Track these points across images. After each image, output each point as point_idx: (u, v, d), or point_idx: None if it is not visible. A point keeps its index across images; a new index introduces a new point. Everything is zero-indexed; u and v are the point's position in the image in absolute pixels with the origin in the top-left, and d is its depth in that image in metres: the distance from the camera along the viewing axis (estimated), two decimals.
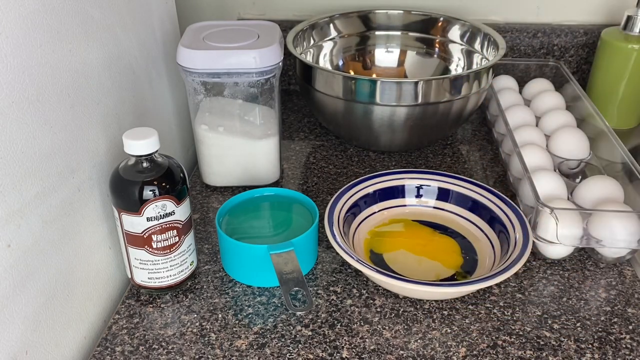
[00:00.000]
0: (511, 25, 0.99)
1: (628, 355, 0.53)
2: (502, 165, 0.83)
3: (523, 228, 0.61)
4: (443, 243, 0.66)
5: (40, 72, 0.47)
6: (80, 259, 0.56)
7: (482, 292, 0.60)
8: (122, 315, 0.58)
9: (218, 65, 0.67)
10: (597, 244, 0.63)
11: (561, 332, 0.56)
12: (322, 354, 0.53)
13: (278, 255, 0.58)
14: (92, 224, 0.58)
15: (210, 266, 0.64)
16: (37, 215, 0.48)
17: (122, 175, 0.55)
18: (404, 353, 0.54)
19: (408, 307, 0.59)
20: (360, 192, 0.69)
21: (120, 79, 0.63)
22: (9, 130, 0.44)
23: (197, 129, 0.74)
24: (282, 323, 0.57)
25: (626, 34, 0.87)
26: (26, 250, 0.47)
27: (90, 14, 0.55)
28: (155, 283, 0.59)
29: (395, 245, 0.65)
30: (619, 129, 0.91)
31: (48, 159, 0.49)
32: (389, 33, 0.98)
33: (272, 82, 0.71)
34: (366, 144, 0.86)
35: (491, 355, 0.53)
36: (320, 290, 0.61)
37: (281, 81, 0.75)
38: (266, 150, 0.75)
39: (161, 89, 0.75)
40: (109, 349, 0.54)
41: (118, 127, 0.62)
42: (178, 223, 0.57)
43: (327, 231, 0.60)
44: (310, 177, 0.81)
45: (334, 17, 0.96)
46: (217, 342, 0.55)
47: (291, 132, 0.92)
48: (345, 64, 0.98)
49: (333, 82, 0.78)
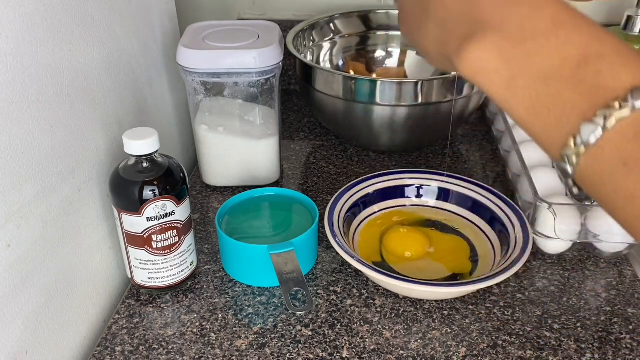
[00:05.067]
0: None
1: (628, 355, 0.53)
2: (501, 163, 0.83)
3: (523, 228, 0.61)
4: (450, 242, 0.66)
5: (40, 72, 0.47)
6: (80, 259, 0.56)
7: (482, 292, 0.60)
8: (122, 315, 0.58)
9: (218, 65, 0.67)
10: (595, 239, 0.63)
11: (561, 332, 0.56)
12: (322, 354, 0.53)
13: (278, 255, 0.58)
14: (92, 224, 0.58)
15: (210, 266, 0.64)
16: (37, 215, 0.48)
17: (122, 175, 0.55)
18: (404, 353, 0.54)
19: (408, 307, 0.59)
20: (360, 192, 0.69)
21: (120, 79, 0.63)
22: (9, 130, 0.44)
23: (197, 129, 0.74)
24: (282, 323, 0.57)
25: (626, 34, 0.87)
26: (26, 250, 0.47)
27: (90, 14, 0.55)
28: (155, 283, 0.59)
29: (396, 245, 0.65)
30: None
31: (48, 159, 0.49)
32: (389, 33, 0.98)
33: (272, 82, 0.71)
34: (366, 144, 0.86)
35: (491, 355, 0.53)
36: (320, 290, 0.61)
37: (281, 81, 0.75)
38: (266, 150, 0.75)
39: (161, 89, 0.75)
40: (109, 349, 0.54)
41: (118, 127, 0.62)
42: (178, 223, 0.57)
43: (327, 231, 0.60)
44: (310, 177, 0.81)
45: (334, 17, 0.96)
46: (217, 342, 0.55)
47: (291, 132, 0.92)
48: (345, 64, 0.98)
49: (333, 82, 0.78)
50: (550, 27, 0.30)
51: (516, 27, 0.31)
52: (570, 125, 0.29)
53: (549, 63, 0.30)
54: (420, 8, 0.37)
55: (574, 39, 0.30)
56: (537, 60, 0.30)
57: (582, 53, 0.29)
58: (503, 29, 0.31)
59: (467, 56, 0.32)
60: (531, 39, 0.30)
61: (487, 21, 0.32)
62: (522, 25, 0.31)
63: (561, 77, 0.29)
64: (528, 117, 0.31)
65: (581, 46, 0.29)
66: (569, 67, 0.29)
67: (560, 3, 0.31)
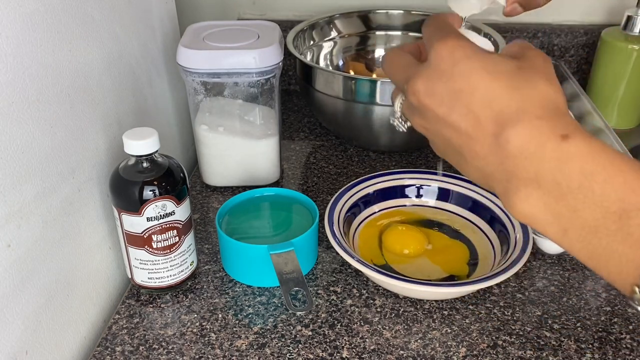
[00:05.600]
0: (511, 25, 0.99)
1: (628, 355, 0.53)
2: None
3: (523, 228, 0.61)
4: (449, 243, 0.66)
5: (40, 72, 0.47)
6: (80, 259, 0.56)
7: (482, 292, 0.60)
8: (122, 315, 0.58)
9: (218, 65, 0.67)
10: None
11: (561, 332, 0.56)
12: (322, 354, 0.53)
13: (278, 255, 0.58)
14: (92, 224, 0.58)
15: (210, 266, 0.64)
16: (37, 215, 0.48)
17: (122, 175, 0.55)
18: (404, 353, 0.54)
19: (408, 307, 0.59)
20: (360, 192, 0.69)
21: (120, 79, 0.63)
22: (9, 130, 0.44)
23: (197, 129, 0.74)
24: (282, 323, 0.57)
25: (626, 34, 0.87)
26: (26, 250, 0.47)
27: (90, 14, 0.55)
28: (155, 283, 0.59)
29: (394, 243, 0.65)
30: (619, 129, 0.91)
31: (48, 159, 0.49)
32: (389, 33, 0.98)
33: (272, 82, 0.71)
34: (366, 144, 0.86)
35: (491, 356, 0.53)
36: (320, 290, 0.61)
37: (281, 81, 0.75)
38: (266, 150, 0.75)
39: (161, 89, 0.75)
40: (109, 349, 0.54)
41: (118, 127, 0.62)
42: (178, 223, 0.57)
43: (327, 231, 0.60)
44: (310, 177, 0.81)
45: (334, 17, 0.96)
46: (217, 342, 0.55)
47: (291, 132, 0.92)
48: (345, 64, 0.98)
49: (333, 82, 0.78)
50: (583, 180, 0.31)
51: (552, 183, 0.32)
52: (631, 275, 0.31)
53: (593, 217, 0.31)
54: (453, 151, 0.38)
55: (609, 193, 0.31)
56: (582, 214, 0.32)
57: (620, 207, 0.30)
58: (541, 185, 0.32)
59: (517, 209, 0.34)
60: (569, 194, 0.32)
61: (523, 176, 0.33)
62: (556, 180, 0.32)
63: (608, 230, 0.31)
64: (591, 264, 0.33)
65: (618, 199, 0.30)
66: (612, 220, 0.31)
67: (584, 150, 0.32)
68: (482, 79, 0.34)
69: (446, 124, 0.37)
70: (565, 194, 0.32)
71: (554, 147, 0.32)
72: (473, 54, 0.35)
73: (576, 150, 0.31)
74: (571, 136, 0.31)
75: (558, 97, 0.34)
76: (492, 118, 0.34)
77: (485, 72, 0.34)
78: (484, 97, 0.34)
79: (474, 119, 0.35)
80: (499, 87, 0.34)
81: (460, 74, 0.35)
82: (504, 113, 0.33)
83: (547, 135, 0.32)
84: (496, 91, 0.34)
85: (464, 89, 0.35)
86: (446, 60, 0.36)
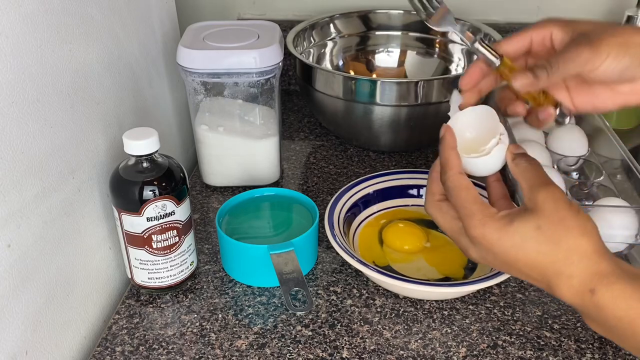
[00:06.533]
0: (512, 25, 0.99)
1: (628, 356, 0.53)
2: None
3: None
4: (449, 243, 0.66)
5: (40, 72, 0.47)
6: (80, 259, 0.56)
7: (482, 292, 0.60)
8: (122, 315, 0.58)
9: (218, 65, 0.67)
10: None
11: (561, 332, 0.56)
12: (322, 354, 0.53)
13: (278, 255, 0.58)
14: (92, 224, 0.58)
15: (210, 266, 0.64)
16: (37, 215, 0.48)
17: (122, 175, 0.55)
18: (404, 353, 0.54)
19: (408, 307, 0.59)
20: (360, 192, 0.69)
21: (120, 79, 0.63)
22: (9, 130, 0.44)
23: (197, 129, 0.74)
24: (282, 323, 0.57)
25: None
26: (26, 250, 0.47)
27: (90, 14, 0.55)
28: (155, 283, 0.59)
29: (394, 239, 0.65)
30: (618, 129, 0.90)
31: (48, 159, 0.49)
32: (389, 33, 0.98)
33: (272, 82, 0.71)
34: (366, 144, 0.86)
35: (491, 356, 0.53)
36: (320, 290, 0.61)
37: (281, 81, 0.75)
38: (266, 150, 0.75)
39: (161, 89, 0.75)
40: (109, 349, 0.54)
41: (118, 127, 0.62)
42: (178, 223, 0.57)
43: (327, 231, 0.60)
44: (310, 177, 0.81)
45: (334, 17, 0.95)
46: (217, 342, 0.55)
47: (291, 132, 0.92)
48: (345, 64, 0.98)
49: (333, 82, 0.78)
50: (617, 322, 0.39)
51: (597, 321, 0.41)
52: None
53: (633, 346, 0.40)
54: (491, 262, 0.45)
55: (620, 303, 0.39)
56: (626, 345, 0.41)
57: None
58: (572, 277, 0.41)
59: (564, 298, 0.42)
60: (611, 331, 0.41)
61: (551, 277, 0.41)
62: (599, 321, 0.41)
63: None
64: None
65: None
66: None
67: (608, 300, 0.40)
68: (517, 254, 0.42)
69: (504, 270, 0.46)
70: (608, 330, 0.41)
71: (589, 300, 0.40)
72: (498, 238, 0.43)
73: (603, 301, 0.39)
74: (597, 290, 0.39)
75: (582, 242, 0.40)
76: (539, 279, 0.42)
77: (515, 250, 0.42)
78: (526, 266, 0.42)
79: (526, 277, 0.44)
80: (533, 256, 0.42)
81: (500, 253, 0.43)
82: (546, 275, 0.41)
83: (582, 292, 0.40)
84: (532, 260, 0.42)
85: (509, 262, 0.43)
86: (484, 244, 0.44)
